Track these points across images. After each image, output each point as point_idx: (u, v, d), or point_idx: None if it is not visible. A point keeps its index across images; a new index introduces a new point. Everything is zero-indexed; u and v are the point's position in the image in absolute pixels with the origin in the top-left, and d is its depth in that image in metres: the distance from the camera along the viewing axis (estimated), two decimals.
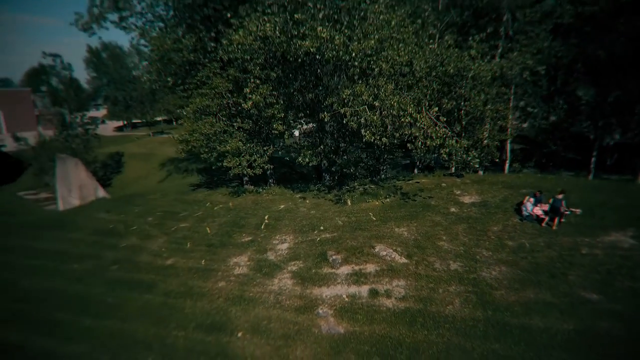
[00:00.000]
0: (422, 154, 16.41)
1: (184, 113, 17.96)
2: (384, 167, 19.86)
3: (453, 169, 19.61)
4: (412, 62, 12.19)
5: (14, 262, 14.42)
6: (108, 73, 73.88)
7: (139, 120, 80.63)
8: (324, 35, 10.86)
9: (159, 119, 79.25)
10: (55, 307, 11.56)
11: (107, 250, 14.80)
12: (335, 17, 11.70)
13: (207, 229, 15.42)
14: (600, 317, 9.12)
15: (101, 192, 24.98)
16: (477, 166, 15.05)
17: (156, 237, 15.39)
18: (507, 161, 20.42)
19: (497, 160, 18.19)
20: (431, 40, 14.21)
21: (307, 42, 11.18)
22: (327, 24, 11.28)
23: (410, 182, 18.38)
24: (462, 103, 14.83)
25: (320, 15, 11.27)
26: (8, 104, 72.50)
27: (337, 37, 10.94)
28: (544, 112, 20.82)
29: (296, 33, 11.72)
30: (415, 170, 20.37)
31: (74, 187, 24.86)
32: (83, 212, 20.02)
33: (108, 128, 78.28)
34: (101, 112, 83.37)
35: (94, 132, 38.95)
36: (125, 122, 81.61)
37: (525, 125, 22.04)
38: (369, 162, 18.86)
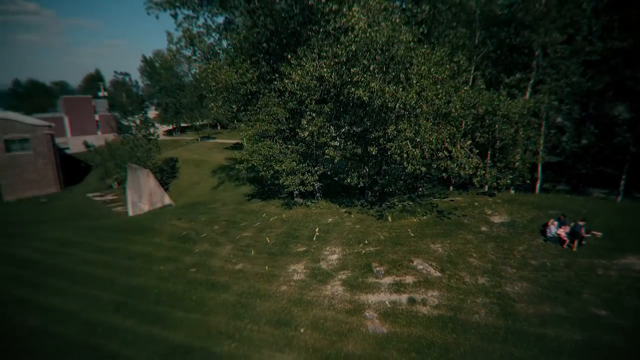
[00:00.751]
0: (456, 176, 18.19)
1: (245, 135, 20.63)
2: (422, 184, 21.75)
3: (486, 187, 21.24)
4: (449, 103, 14.16)
5: (112, 262, 17.60)
6: (160, 81, 78.84)
7: (187, 125, 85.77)
8: (375, 87, 13.07)
9: (204, 122, 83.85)
10: (153, 301, 14.45)
11: (184, 255, 17.70)
12: (384, 68, 13.85)
13: (267, 238, 18.01)
14: (606, 330, 10.81)
15: (167, 200, 28.32)
16: (509, 184, 16.69)
17: (224, 245, 18.14)
18: (539, 181, 21.76)
19: (528, 181, 19.70)
20: (465, 80, 16.04)
21: (359, 91, 13.43)
22: (377, 75, 13.49)
23: (445, 199, 20.22)
24: (494, 135, 16.56)
25: (371, 67, 13.48)
26: (73, 110, 79.43)
27: (386, 89, 13.11)
28: (575, 136, 21.98)
29: (349, 80, 14.02)
30: (451, 188, 22.12)
31: (144, 194, 28.32)
32: (157, 219, 23.14)
33: (158, 132, 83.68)
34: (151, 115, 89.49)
35: (155, 143, 42.65)
36: (174, 126, 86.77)
37: (556, 149, 23.20)
38: (407, 180, 20.85)
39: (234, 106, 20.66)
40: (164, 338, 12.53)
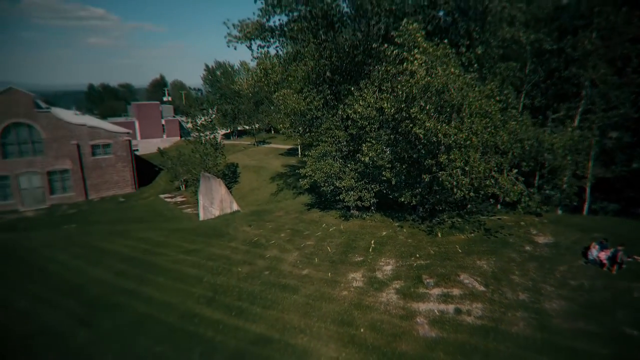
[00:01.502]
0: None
1: (309, 154, 23.25)
2: (470, 202, 23.34)
3: (535, 207, 22.41)
4: (497, 137, 15.86)
5: (198, 263, 20.86)
6: (220, 88, 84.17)
7: (242, 129, 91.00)
8: (430, 126, 15.09)
9: (258, 126, 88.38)
10: (236, 298, 17.37)
11: (257, 259, 20.60)
12: (439, 109, 15.82)
13: (328, 248, 20.51)
14: (635, 349, 12.23)
15: (235, 206, 31.66)
16: (556, 204, 18.03)
17: (291, 251, 20.86)
18: (586, 203, 22.56)
19: (575, 203, 20.77)
20: (514, 113, 17.59)
21: (416, 129, 15.51)
22: (432, 114, 15.51)
23: (492, 217, 21.73)
24: (541, 162, 17.96)
25: (427, 107, 15.50)
26: (142, 115, 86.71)
27: (440, 127, 15.10)
28: (625, 160, 22.52)
29: (407, 116, 16.14)
30: (499, 206, 23.51)
31: (216, 200, 31.86)
32: (229, 225, 26.36)
33: (218, 135, 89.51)
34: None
35: (221, 152, 46.64)
36: (232, 130, 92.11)
37: (606, 172, 23.76)
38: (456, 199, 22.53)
39: (300, 128, 23.40)
40: (248, 329, 15.34)
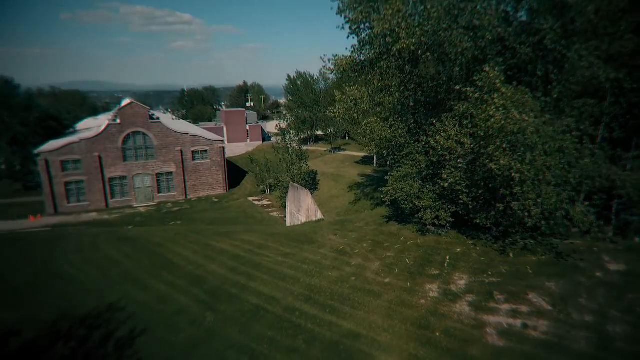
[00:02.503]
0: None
1: (391, 174, 26.11)
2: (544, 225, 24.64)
3: (610, 233, 23.25)
4: (569, 174, 17.49)
5: (294, 265, 24.72)
6: (300, 97, 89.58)
7: (319, 135, 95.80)
8: (505, 163, 17.21)
9: (335, 133, 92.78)
10: (329, 298, 20.82)
11: (344, 265, 23.94)
12: (514, 148, 17.88)
13: (407, 260, 23.26)
14: None
15: (319, 214, 35.45)
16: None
17: (373, 261, 23.92)
18: None
19: None
20: (590, 149, 18.91)
21: (491, 165, 17.71)
22: (508, 152, 17.61)
23: (566, 242, 22.96)
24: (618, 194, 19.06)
25: (504, 146, 17.64)
26: (230, 121, 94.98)
27: (514, 165, 17.18)
28: None
29: (483, 152, 18.40)
30: (572, 230, 24.51)
31: (303, 208, 35.90)
32: (316, 232, 30.05)
33: (295, 140, 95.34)
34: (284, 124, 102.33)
35: (305, 162, 51.07)
36: (309, 136, 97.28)
37: None
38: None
39: (384, 151, 26.38)
40: (340, 324, 18.67)
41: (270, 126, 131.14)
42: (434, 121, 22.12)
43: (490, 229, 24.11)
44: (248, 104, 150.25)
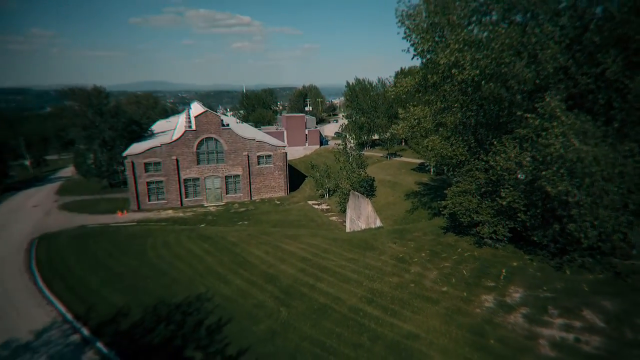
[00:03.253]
0: None
1: (451, 189, 27.71)
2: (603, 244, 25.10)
3: None
4: (628, 199, 18.30)
5: (356, 269, 27.13)
6: (358, 103, 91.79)
7: (375, 139, 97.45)
8: (562, 189, 18.43)
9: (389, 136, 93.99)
10: (389, 301, 22.99)
11: (404, 272, 25.97)
12: (572, 173, 18.97)
13: (464, 271, 24.84)
14: None
15: (378, 222, 37.56)
16: None
17: (431, 270, 25.73)
18: None
19: None
20: None
21: (549, 188, 18.98)
22: (565, 177, 18.78)
23: (626, 262, 23.40)
24: None
25: (561, 170, 18.82)
26: (290, 125, 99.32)
27: (571, 190, 18.34)
28: None
29: (541, 175, 19.66)
30: (634, 251, 24.76)
31: (363, 216, 38.20)
32: (376, 239, 32.25)
33: (352, 144, 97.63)
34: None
35: (364, 169, 53.29)
36: (366, 141, 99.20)
37: None
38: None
39: (444, 168, 28.02)
40: (401, 326, 20.82)
41: (327, 129, 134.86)
42: (494, 141, 23.53)
43: (548, 245, 25.02)
44: (307, 108, 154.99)
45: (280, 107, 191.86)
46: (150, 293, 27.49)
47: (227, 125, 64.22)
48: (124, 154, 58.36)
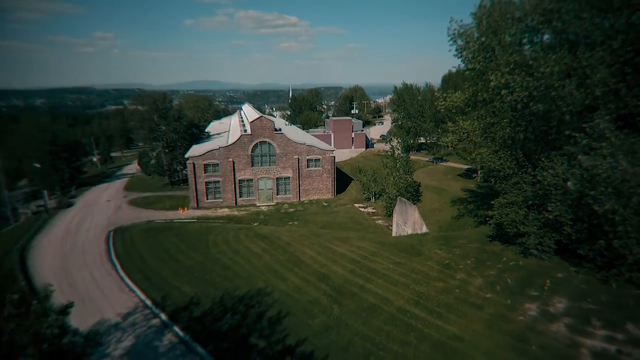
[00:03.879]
0: None
1: (498, 200, 28.80)
2: None
3: None
4: None
5: (404, 273, 28.89)
6: (405, 108, 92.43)
7: (421, 143, 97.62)
8: (608, 208, 19.31)
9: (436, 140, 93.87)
10: (435, 304, 24.62)
11: (449, 278, 27.43)
12: (619, 193, 19.74)
13: (508, 280, 25.95)
14: None
15: (424, 228, 38.94)
16: None
17: (476, 277, 27.03)
18: None
19: None
20: None
21: (596, 207, 19.88)
22: (612, 195, 19.59)
23: None
24: None
25: (608, 190, 19.67)
26: (337, 129, 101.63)
27: (617, 209, 19.17)
28: None
29: (588, 193, 20.57)
30: None
31: (409, 221, 39.72)
32: (422, 245, 33.72)
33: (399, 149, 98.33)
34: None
35: (411, 176, 54.56)
36: (412, 145, 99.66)
37: None
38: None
39: (492, 180, 29.18)
40: (446, 328, 22.44)
41: (373, 132, 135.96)
42: (542, 157, 24.52)
43: (594, 259, 25.59)
44: (353, 111, 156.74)
45: (325, 107, 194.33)
46: (216, 285, 30.75)
47: (280, 129, 67.49)
48: (186, 155, 63.14)
